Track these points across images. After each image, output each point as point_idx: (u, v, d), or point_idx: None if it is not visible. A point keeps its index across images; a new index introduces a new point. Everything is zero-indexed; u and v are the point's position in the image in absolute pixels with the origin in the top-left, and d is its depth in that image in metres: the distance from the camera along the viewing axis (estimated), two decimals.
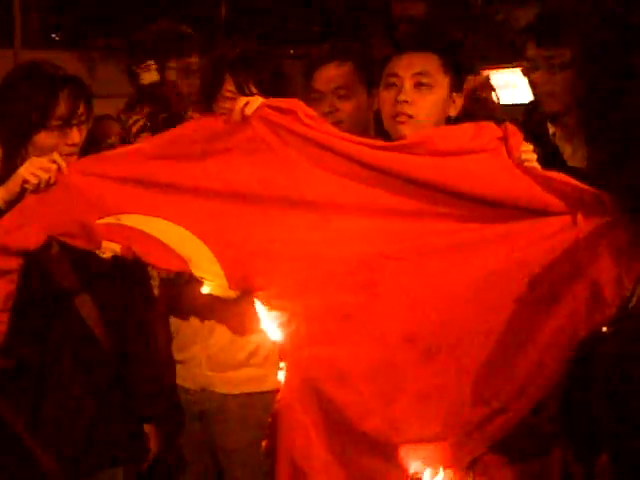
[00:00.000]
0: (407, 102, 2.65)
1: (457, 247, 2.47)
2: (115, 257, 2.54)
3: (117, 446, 2.86)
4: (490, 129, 2.54)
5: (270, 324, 2.53)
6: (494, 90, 3.80)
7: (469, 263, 2.45)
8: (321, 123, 2.57)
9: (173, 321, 3.11)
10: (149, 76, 3.79)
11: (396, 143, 2.59)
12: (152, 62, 3.72)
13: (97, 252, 2.52)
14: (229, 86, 2.95)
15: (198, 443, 3.12)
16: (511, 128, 2.53)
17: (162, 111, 3.49)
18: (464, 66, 2.86)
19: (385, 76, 2.72)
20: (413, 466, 2.43)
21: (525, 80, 3.29)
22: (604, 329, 2.43)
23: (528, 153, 2.53)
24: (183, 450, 3.16)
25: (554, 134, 3.18)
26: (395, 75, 2.68)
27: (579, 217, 2.37)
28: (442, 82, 2.70)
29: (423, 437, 2.42)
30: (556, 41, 3.09)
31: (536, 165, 2.52)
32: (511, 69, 7.58)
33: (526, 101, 3.51)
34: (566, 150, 3.15)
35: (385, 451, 2.43)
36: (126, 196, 2.54)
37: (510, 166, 2.47)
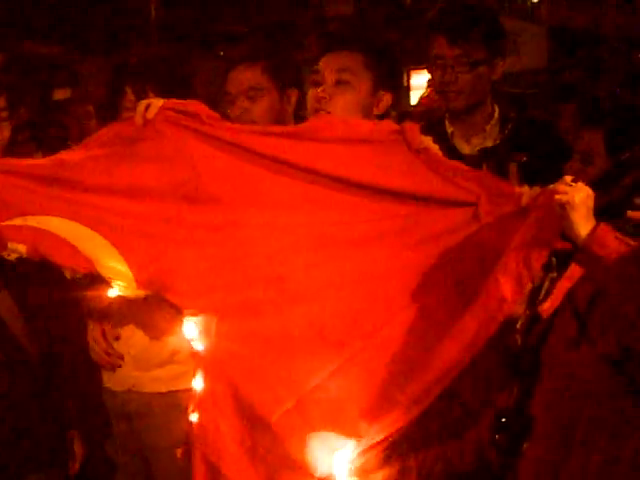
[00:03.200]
0: (326, 98, 2.72)
1: (363, 239, 2.53)
2: (23, 258, 2.56)
3: (41, 450, 2.87)
4: (387, 123, 2.62)
5: (186, 324, 2.58)
6: None
7: (376, 255, 2.51)
8: (222, 122, 2.63)
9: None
10: None
11: (298, 127, 2.65)
12: None
13: (3, 254, 2.54)
14: (130, 96, 3.01)
15: (127, 444, 3.15)
16: (408, 122, 2.61)
17: None
18: (393, 63, 2.92)
19: (312, 74, 2.80)
20: (322, 457, 2.47)
21: None
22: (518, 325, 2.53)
23: (428, 142, 2.59)
24: (113, 452, 3.18)
25: (452, 133, 3.26)
26: (318, 72, 2.76)
27: (482, 209, 2.42)
28: (363, 79, 2.76)
29: (332, 429, 2.46)
30: (468, 40, 3.15)
31: (439, 153, 2.58)
32: None
33: None
34: (464, 148, 3.24)
35: (295, 444, 2.47)
36: (33, 197, 2.56)
37: (410, 157, 2.53)
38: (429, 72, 3.31)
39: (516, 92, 6.08)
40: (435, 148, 2.61)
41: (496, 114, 3.26)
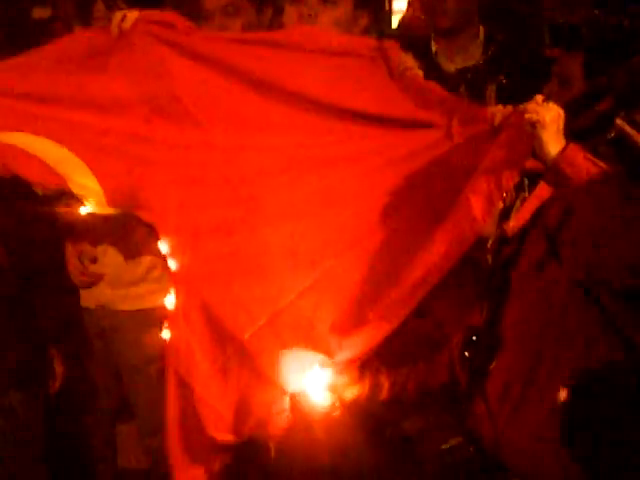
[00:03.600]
0: (311, 16, 2.70)
1: (336, 159, 2.52)
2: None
3: (21, 368, 2.92)
4: (364, 39, 2.61)
5: (161, 242, 2.57)
6: None
7: (349, 175, 2.51)
8: (199, 32, 2.60)
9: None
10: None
11: (277, 34, 2.64)
12: None
13: None
14: (99, 6, 2.97)
15: (100, 360, 3.19)
16: (388, 40, 2.60)
17: None
18: None
19: None
20: (294, 374, 2.49)
21: None
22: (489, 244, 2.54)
23: (408, 62, 2.59)
24: (93, 371, 3.23)
25: (436, 51, 3.28)
26: None
27: (454, 130, 2.42)
28: None
29: (305, 345, 2.48)
30: None
31: (418, 73, 2.58)
32: None
33: None
34: (447, 66, 3.26)
35: (267, 361, 2.50)
36: (0, 113, 2.53)
37: (387, 76, 2.52)
38: None
39: None
40: (414, 67, 2.59)
41: (481, 35, 3.29)
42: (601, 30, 3.06)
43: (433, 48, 3.29)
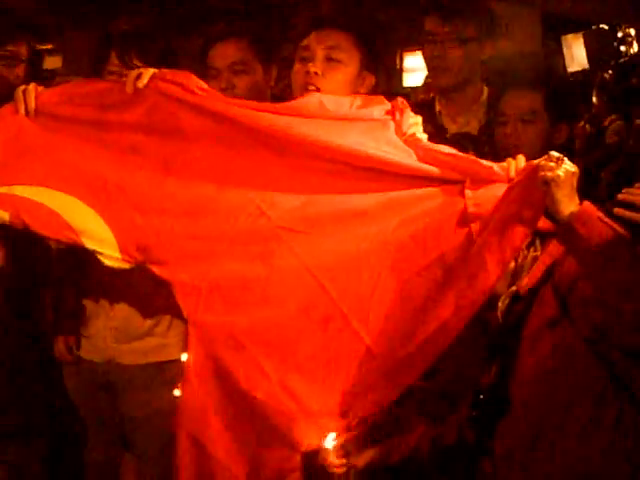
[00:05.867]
0: (317, 74, 2.70)
1: (349, 216, 2.52)
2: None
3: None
4: (379, 101, 2.62)
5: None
6: None
7: (362, 232, 2.51)
8: (212, 94, 2.61)
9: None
10: None
11: (287, 104, 2.62)
12: None
13: None
14: (114, 60, 2.97)
15: (104, 413, 3.16)
16: (400, 101, 2.61)
17: None
18: (378, 45, 2.90)
19: (299, 50, 2.78)
20: (306, 435, 2.49)
21: None
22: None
23: (415, 126, 2.60)
24: (87, 420, 3.20)
25: (440, 111, 3.30)
26: (308, 49, 2.74)
27: (466, 188, 2.43)
28: (353, 59, 2.75)
29: (317, 405, 2.48)
30: (459, 16, 3.21)
31: (422, 137, 2.59)
32: None
33: None
34: (451, 127, 3.27)
35: (281, 419, 2.49)
36: (18, 166, 2.56)
37: (397, 138, 2.54)
38: (421, 49, 3.35)
39: None
40: (418, 131, 2.61)
41: (484, 95, 3.30)
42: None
43: (437, 108, 3.31)
